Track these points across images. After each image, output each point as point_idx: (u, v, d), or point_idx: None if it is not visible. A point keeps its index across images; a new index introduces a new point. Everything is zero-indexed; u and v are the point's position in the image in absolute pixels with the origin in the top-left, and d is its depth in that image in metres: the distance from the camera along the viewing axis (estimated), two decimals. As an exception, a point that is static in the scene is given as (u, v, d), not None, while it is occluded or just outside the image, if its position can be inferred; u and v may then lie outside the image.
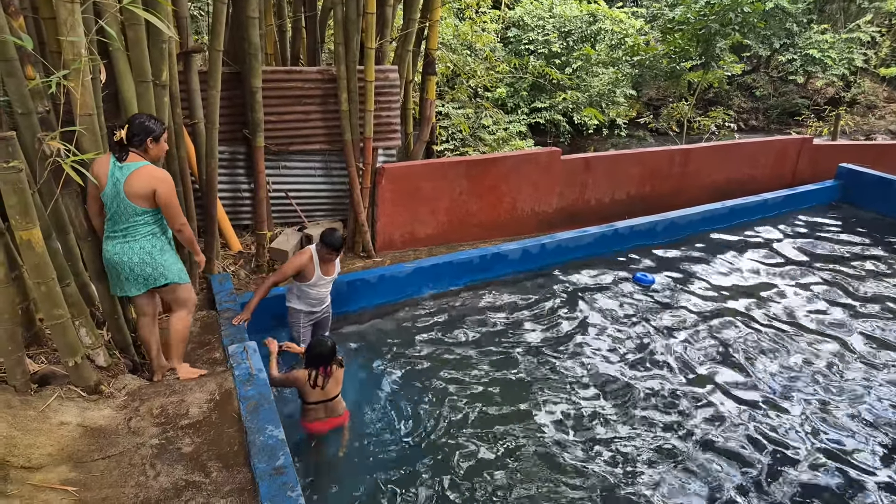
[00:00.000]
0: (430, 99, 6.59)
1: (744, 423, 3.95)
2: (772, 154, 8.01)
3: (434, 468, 3.54)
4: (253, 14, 4.78)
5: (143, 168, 3.13)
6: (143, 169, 3.12)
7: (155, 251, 3.27)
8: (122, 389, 3.24)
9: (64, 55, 2.96)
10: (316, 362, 3.50)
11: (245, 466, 2.78)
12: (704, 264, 6.19)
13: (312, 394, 3.55)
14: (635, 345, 4.80)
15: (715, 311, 5.30)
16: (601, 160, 7.07)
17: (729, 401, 4.16)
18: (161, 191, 3.12)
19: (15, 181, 2.61)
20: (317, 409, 3.61)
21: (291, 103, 5.56)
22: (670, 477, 3.50)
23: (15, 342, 2.87)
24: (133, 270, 3.24)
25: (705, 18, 10.62)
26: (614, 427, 3.89)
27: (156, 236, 3.26)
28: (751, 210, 7.19)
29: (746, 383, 4.35)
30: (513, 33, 13.30)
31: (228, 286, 4.64)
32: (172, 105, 4.14)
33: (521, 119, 11.97)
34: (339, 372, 3.65)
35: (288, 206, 6.01)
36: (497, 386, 4.28)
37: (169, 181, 3.17)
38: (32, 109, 3.12)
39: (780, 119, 16.03)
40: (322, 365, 3.50)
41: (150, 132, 3.18)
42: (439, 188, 6.28)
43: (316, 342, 3.58)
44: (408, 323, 5.07)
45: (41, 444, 2.70)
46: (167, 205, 3.15)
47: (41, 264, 2.78)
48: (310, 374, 3.50)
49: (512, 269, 5.88)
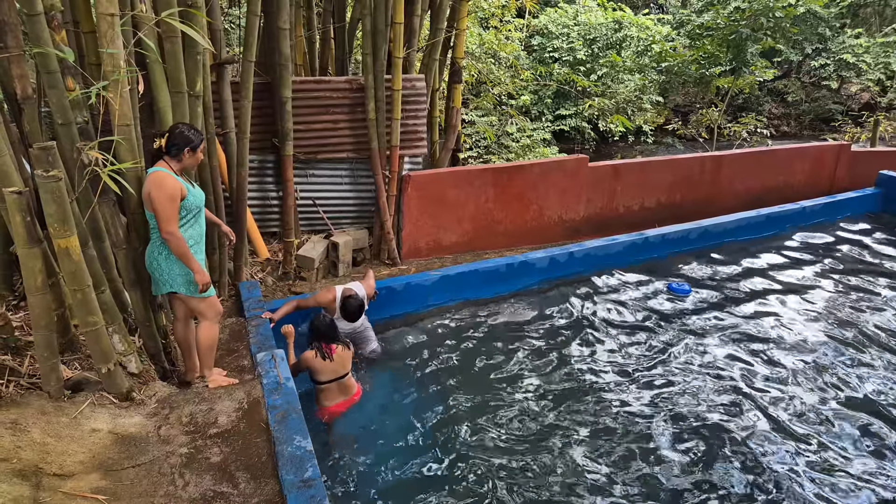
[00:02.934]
0: (456, 107, 6.58)
1: (783, 442, 3.80)
2: (808, 161, 7.79)
3: (452, 479, 3.48)
4: (284, 26, 4.84)
5: (154, 173, 3.17)
6: (153, 174, 3.17)
7: (161, 257, 3.28)
8: (153, 396, 3.27)
9: (103, 67, 3.02)
10: (317, 338, 3.79)
11: (273, 478, 2.77)
12: (739, 274, 6.03)
13: (324, 371, 3.75)
14: (667, 357, 4.68)
15: (751, 324, 5.14)
16: (630, 167, 6.96)
17: (765, 420, 4.00)
18: (153, 195, 3.11)
19: (54, 190, 2.65)
20: (330, 388, 3.83)
21: (320, 112, 5.60)
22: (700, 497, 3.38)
23: (50, 349, 2.91)
24: (148, 269, 3.38)
25: (736, 23, 10.43)
26: (643, 443, 3.78)
27: (163, 243, 3.24)
28: (788, 218, 6.99)
29: (785, 400, 4.20)
30: (537, 41, 13.28)
31: (257, 293, 4.67)
32: (205, 115, 4.20)
33: (546, 126, 11.91)
34: (345, 352, 3.88)
35: (315, 214, 6.04)
36: (522, 397, 4.21)
37: (164, 186, 3.12)
38: (72, 120, 3.19)
39: (812, 125, 15.67)
40: (322, 340, 3.78)
41: (188, 142, 3.24)
42: (465, 196, 6.25)
43: (315, 318, 3.88)
44: (433, 332, 5.03)
45: (73, 451, 2.73)
46: (155, 209, 3.12)
47: (78, 272, 2.82)
48: (315, 351, 3.75)
49: (539, 278, 5.81)
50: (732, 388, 4.31)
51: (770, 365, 4.56)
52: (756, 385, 4.34)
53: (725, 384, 4.34)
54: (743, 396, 4.21)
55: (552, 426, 3.92)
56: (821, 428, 3.90)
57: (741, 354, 4.71)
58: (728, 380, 4.40)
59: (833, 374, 4.44)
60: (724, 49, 11.17)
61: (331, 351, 3.77)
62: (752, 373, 4.48)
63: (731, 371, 4.49)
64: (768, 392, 4.26)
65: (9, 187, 2.69)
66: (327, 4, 6.16)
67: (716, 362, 4.60)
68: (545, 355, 4.70)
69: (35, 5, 2.96)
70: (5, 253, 3.54)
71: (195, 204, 3.32)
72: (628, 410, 4.07)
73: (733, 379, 4.40)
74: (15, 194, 2.62)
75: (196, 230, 3.35)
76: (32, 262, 2.74)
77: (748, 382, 4.36)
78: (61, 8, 3.20)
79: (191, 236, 3.28)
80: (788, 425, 3.92)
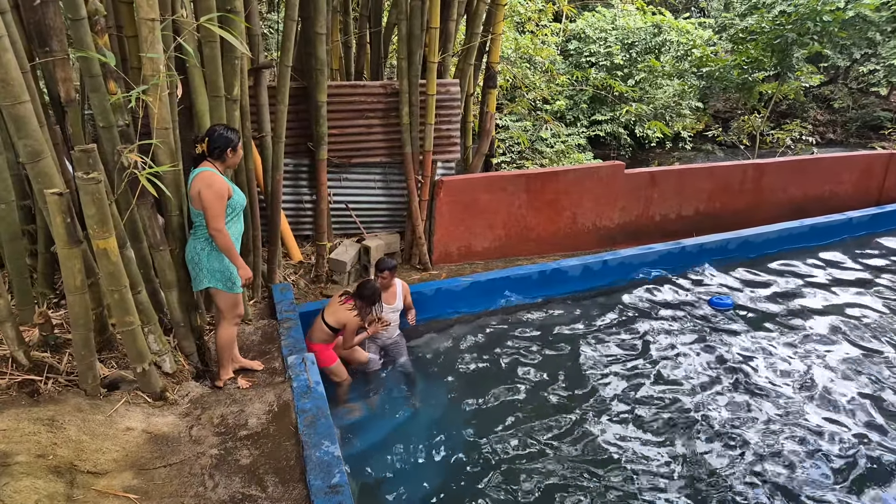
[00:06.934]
0: (491, 112, 6.52)
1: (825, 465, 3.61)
2: (856, 170, 7.46)
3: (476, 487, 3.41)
4: (320, 31, 4.87)
5: (202, 172, 3.26)
6: (201, 173, 3.26)
7: (203, 253, 3.36)
8: (186, 396, 3.30)
9: (143, 71, 3.07)
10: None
11: (301, 482, 2.75)
12: (782, 287, 5.78)
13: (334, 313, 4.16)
14: (706, 374, 4.50)
15: (795, 341, 4.91)
16: (667, 174, 6.78)
17: (810, 443, 3.81)
18: (203, 193, 3.20)
19: (94, 192, 2.70)
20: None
21: (354, 117, 5.62)
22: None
23: (88, 347, 2.97)
24: (188, 265, 3.45)
25: (781, 28, 10.09)
26: (675, 458, 3.64)
27: (208, 240, 3.34)
28: (834, 229, 6.70)
29: (833, 422, 3.99)
30: (573, 46, 13.12)
31: (289, 296, 4.69)
32: (242, 119, 4.25)
33: (581, 132, 11.74)
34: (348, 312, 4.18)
35: (347, 218, 6.06)
36: (553, 409, 4.11)
37: (214, 186, 3.21)
38: (113, 123, 3.26)
39: (860, 132, 15.07)
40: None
41: (229, 143, 3.32)
42: (497, 201, 6.19)
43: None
44: (463, 338, 4.97)
45: (107, 449, 2.77)
46: (205, 207, 3.21)
47: (115, 272, 2.86)
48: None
49: (572, 287, 5.69)
50: (777, 408, 4.12)
51: (816, 387, 4.34)
52: (802, 409, 4.13)
53: (769, 405, 4.15)
54: (790, 419, 4.02)
55: (581, 436, 3.82)
56: (864, 450, 3.70)
57: (785, 374, 4.50)
58: (772, 397, 4.21)
59: (883, 397, 4.21)
60: (768, 54, 10.81)
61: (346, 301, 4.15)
62: (798, 394, 4.27)
63: (776, 391, 4.30)
64: (814, 416, 4.06)
65: (51, 188, 2.75)
66: (363, 10, 6.19)
67: (757, 380, 4.41)
68: (578, 367, 4.58)
69: (79, 10, 3.03)
70: (47, 252, 3.64)
71: (239, 203, 3.42)
72: (672, 425, 3.93)
73: (778, 399, 4.21)
74: (56, 195, 2.68)
75: (237, 228, 3.45)
76: (72, 262, 2.80)
77: (794, 405, 4.16)
78: (105, 13, 3.27)
79: (231, 234, 3.34)
80: (832, 451, 3.72)
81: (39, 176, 2.87)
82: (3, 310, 2.93)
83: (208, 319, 4.08)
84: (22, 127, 2.78)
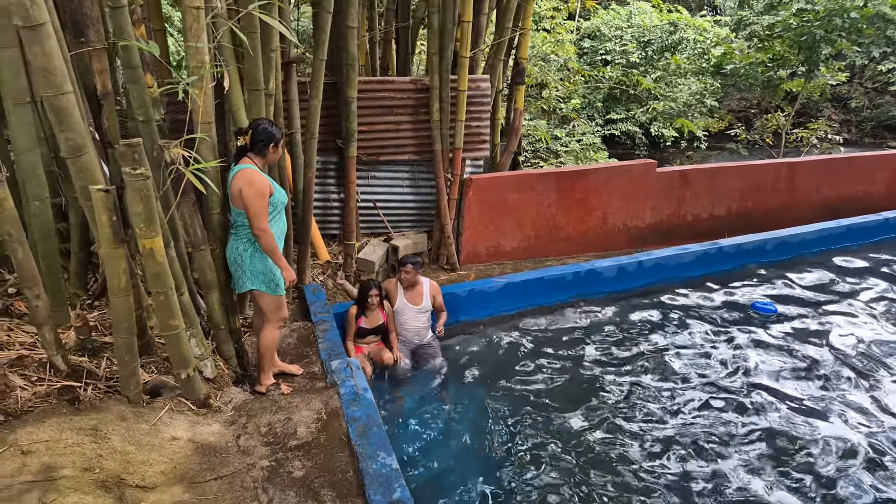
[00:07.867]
0: (520, 108, 6.39)
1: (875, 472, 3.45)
2: (889, 169, 7.31)
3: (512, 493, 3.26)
4: (352, 24, 4.71)
5: (243, 170, 3.12)
6: (242, 171, 3.12)
7: (246, 254, 3.24)
8: (229, 403, 3.15)
9: (187, 62, 2.92)
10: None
11: (359, 497, 2.60)
12: (824, 290, 5.60)
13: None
14: (744, 380, 4.33)
15: (836, 347, 4.72)
16: (699, 173, 6.63)
17: (854, 466, 3.61)
18: (245, 192, 3.07)
19: (142, 188, 2.54)
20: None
21: (383, 113, 5.47)
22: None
23: (131, 352, 2.81)
24: (230, 267, 3.33)
25: (809, 24, 9.92)
26: (712, 470, 3.48)
27: (251, 240, 3.21)
28: (871, 230, 6.55)
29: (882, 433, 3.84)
30: (587, 44, 12.97)
31: (322, 297, 4.55)
32: (276, 114, 4.09)
33: (596, 131, 11.59)
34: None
35: (375, 217, 5.91)
36: (586, 413, 3.97)
37: (256, 183, 3.08)
38: (152, 117, 3.11)
39: (874, 132, 14.92)
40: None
41: (272, 138, 3.18)
42: (526, 200, 6.04)
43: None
44: (495, 340, 4.83)
45: (154, 460, 2.61)
46: (247, 206, 3.09)
47: (161, 273, 2.71)
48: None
49: (607, 288, 5.54)
50: (827, 419, 3.96)
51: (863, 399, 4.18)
52: (852, 418, 3.97)
53: (818, 417, 3.98)
54: (842, 430, 3.86)
55: (610, 441, 3.67)
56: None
57: (834, 384, 4.32)
58: (821, 405, 4.05)
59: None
60: (794, 51, 10.64)
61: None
62: (846, 404, 4.11)
63: (825, 402, 4.13)
64: (863, 427, 3.90)
65: (93, 184, 2.59)
66: (390, 4, 6.04)
67: (809, 391, 4.24)
68: (613, 371, 4.43)
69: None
70: (81, 252, 3.48)
71: (280, 201, 3.27)
72: (711, 434, 3.78)
73: (827, 409, 4.05)
74: (102, 192, 2.52)
75: (279, 227, 3.30)
76: (117, 262, 2.64)
77: (844, 416, 4.00)
78: (141, 2, 3.12)
79: (274, 233, 3.20)
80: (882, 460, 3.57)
81: (81, 171, 2.70)
82: (43, 311, 2.77)
83: (244, 322, 3.93)
84: (64, 119, 2.61)
